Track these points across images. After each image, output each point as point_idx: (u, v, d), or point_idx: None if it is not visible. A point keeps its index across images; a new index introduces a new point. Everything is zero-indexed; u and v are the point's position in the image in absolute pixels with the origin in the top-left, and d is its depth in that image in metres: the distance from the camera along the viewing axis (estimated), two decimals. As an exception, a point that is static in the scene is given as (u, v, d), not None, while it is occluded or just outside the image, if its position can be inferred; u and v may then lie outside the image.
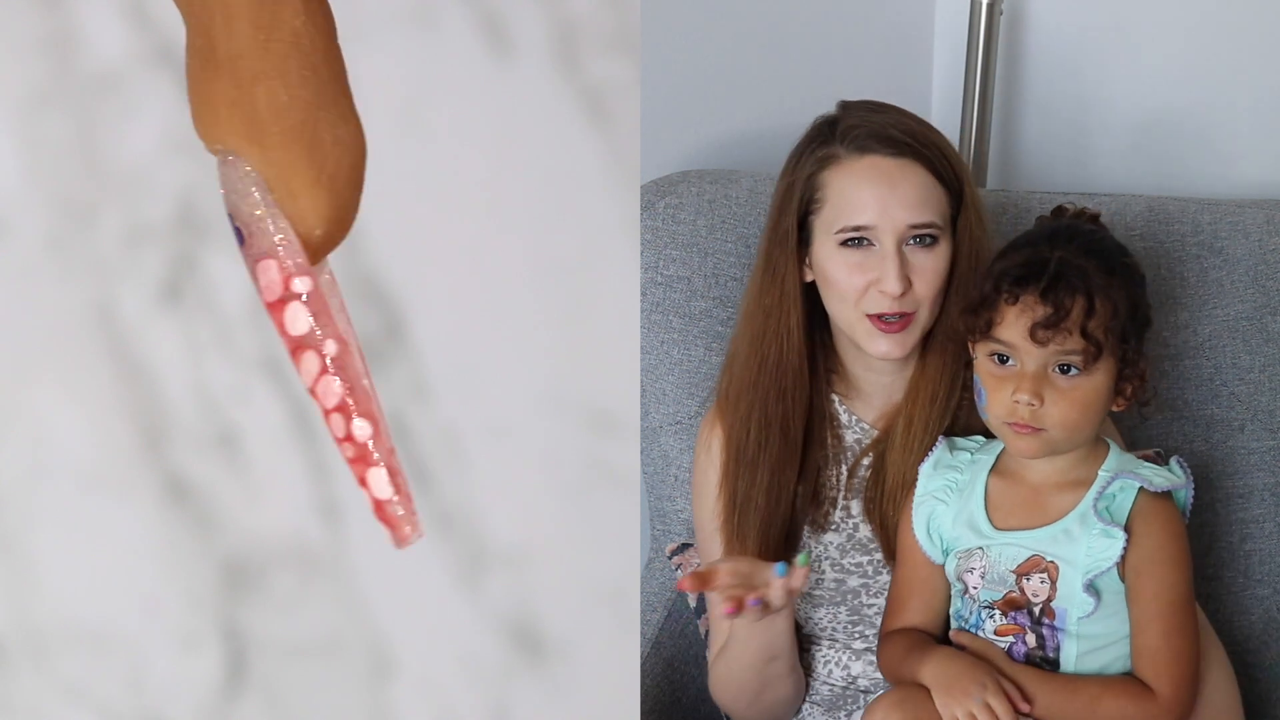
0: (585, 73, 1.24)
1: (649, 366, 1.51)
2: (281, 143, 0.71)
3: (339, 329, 0.74)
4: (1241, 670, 1.44)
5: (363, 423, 0.74)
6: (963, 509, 1.23)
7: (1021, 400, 1.16)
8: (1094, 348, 1.15)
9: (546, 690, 1.24)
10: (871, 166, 1.25)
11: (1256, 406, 1.45)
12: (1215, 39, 1.66)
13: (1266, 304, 1.45)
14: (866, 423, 1.33)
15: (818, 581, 1.32)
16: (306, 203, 0.72)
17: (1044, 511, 1.20)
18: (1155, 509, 1.18)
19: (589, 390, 1.25)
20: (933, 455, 1.26)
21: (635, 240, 1.27)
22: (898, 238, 1.24)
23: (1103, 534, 1.17)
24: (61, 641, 1.19)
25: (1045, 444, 1.17)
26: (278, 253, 0.72)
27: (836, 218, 1.26)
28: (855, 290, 1.25)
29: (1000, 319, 1.17)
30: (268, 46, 0.70)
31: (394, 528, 0.76)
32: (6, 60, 1.17)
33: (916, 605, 1.25)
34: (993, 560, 1.20)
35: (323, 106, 0.70)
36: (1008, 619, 1.19)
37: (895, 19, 1.76)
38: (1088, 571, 1.16)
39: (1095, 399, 1.17)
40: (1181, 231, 1.47)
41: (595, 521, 1.25)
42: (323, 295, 0.73)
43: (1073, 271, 1.16)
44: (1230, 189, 1.63)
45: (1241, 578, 1.47)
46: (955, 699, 1.15)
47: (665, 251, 1.51)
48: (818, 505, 1.32)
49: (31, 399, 1.18)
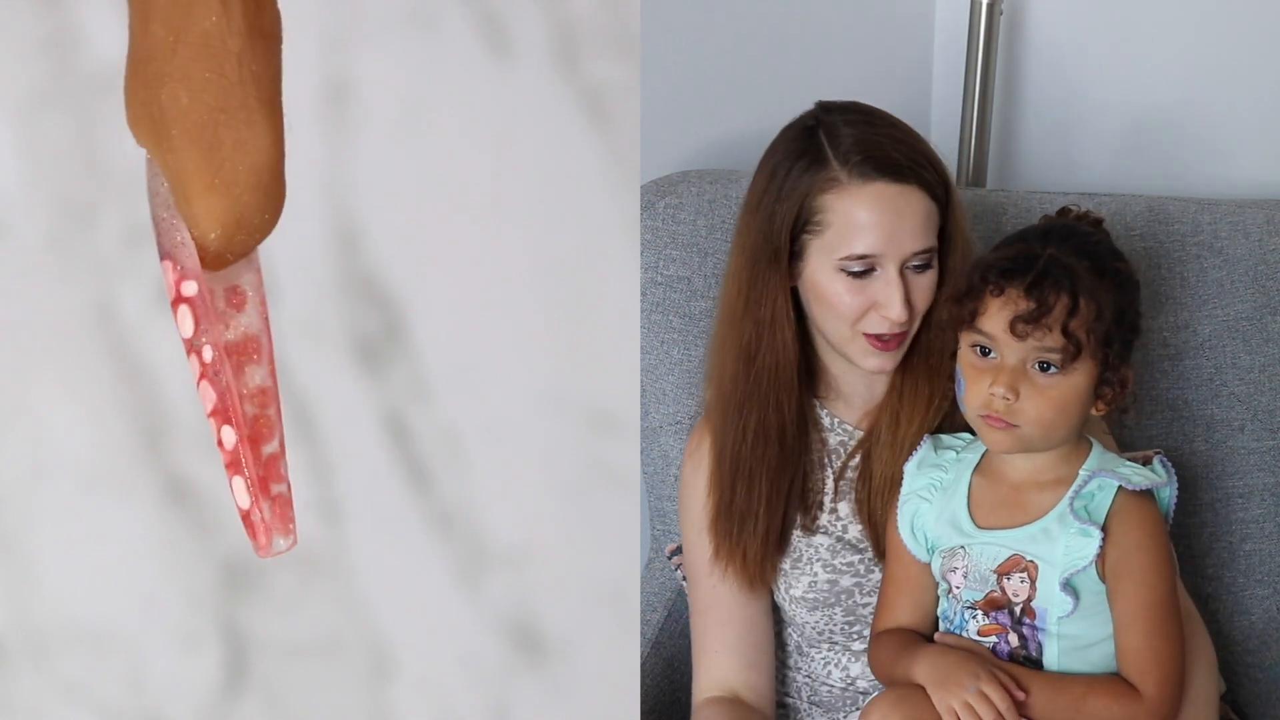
0: (585, 73, 1.24)
1: (649, 366, 1.51)
2: (180, 145, 0.71)
3: (217, 335, 0.74)
4: (1242, 670, 1.44)
5: (229, 430, 0.74)
6: (946, 507, 1.22)
7: (997, 393, 1.15)
8: (1073, 347, 1.14)
9: (546, 690, 1.24)
10: (878, 195, 1.23)
11: (1256, 406, 1.45)
12: (1215, 39, 1.66)
13: (1266, 304, 1.45)
14: (849, 424, 1.33)
15: (810, 585, 1.32)
16: (200, 206, 0.72)
17: (1024, 510, 1.20)
18: (1134, 508, 1.17)
19: (589, 390, 1.25)
20: (918, 454, 1.26)
21: (635, 240, 1.27)
22: (900, 264, 1.23)
23: (1080, 533, 1.16)
24: (61, 641, 1.19)
25: (1018, 440, 1.17)
26: (176, 254, 0.73)
27: (840, 244, 1.23)
28: (855, 312, 1.24)
29: (984, 310, 1.16)
30: (175, 48, 0.70)
31: (252, 536, 0.76)
32: (6, 60, 1.17)
33: (906, 605, 1.25)
34: (974, 559, 1.20)
35: (226, 109, 0.70)
36: (990, 619, 1.19)
37: (895, 19, 1.76)
38: (1065, 571, 1.16)
39: (1072, 399, 1.16)
40: (1181, 231, 1.47)
41: (595, 521, 1.25)
42: (207, 300, 0.74)
43: (1060, 269, 1.16)
44: (1230, 189, 1.63)
45: (1241, 578, 1.47)
46: (950, 692, 1.15)
47: (665, 251, 1.50)
48: (805, 509, 1.32)
49: (31, 399, 1.18)
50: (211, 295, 0.74)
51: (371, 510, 1.24)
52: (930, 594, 1.25)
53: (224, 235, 0.72)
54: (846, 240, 1.23)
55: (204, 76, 0.70)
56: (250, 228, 0.72)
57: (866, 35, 1.74)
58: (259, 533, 0.75)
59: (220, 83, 0.70)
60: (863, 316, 1.24)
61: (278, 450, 0.76)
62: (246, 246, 0.73)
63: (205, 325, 0.73)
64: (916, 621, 1.25)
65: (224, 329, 0.74)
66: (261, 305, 0.75)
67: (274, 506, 0.75)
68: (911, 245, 1.23)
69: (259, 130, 0.71)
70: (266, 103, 0.71)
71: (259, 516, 0.75)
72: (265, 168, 0.71)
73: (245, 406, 0.75)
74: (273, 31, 0.71)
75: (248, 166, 0.71)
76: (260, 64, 0.70)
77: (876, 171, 1.23)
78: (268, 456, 0.75)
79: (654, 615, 1.50)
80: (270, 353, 0.75)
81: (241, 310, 0.75)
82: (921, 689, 1.17)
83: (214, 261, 0.73)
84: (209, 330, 0.73)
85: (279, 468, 0.76)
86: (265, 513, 0.75)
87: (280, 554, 0.75)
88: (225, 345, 0.74)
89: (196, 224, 0.72)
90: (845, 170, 1.23)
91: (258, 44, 0.70)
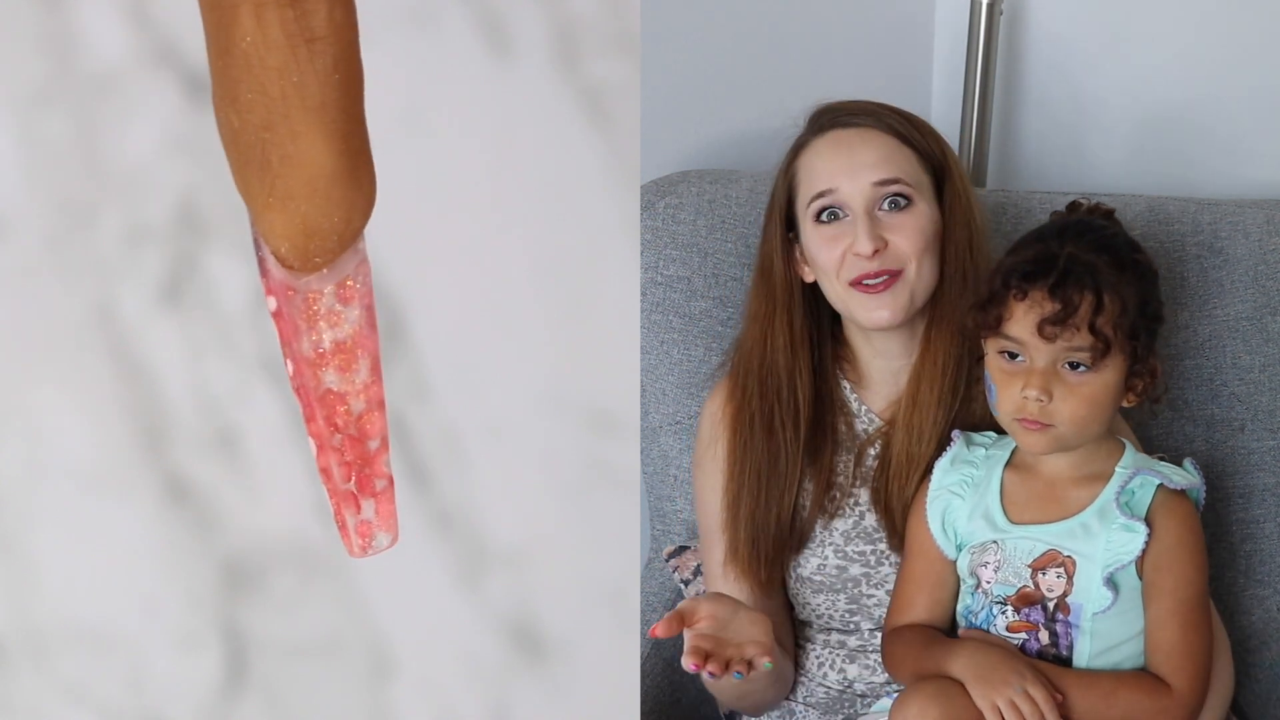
0: (585, 73, 1.24)
1: (649, 366, 1.51)
2: (237, 166, 0.72)
3: (295, 349, 0.74)
4: (1242, 670, 1.44)
5: (312, 441, 0.75)
6: (978, 503, 1.23)
7: (1030, 396, 1.16)
8: (1102, 344, 1.15)
9: (546, 690, 1.24)
10: (833, 139, 1.30)
11: (1256, 406, 1.45)
12: (1215, 39, 1.66)
13: (1266, 304, 1.45)
14: (874, 412, 1.34)
15: (819, 567, 1.32)
16: (264, 224, 0.72)
17: (1061, 505, 1.20)
18: (1174, 505, 1.19)
19: (589, 390, 1.25)
20: (950, 451, 1.26)
21: (635, 240, 1.27)
22: (865, 200, 1.26)
23: (1123, 528, 1.17)
24: (61, 641, 1.19)
25: (1054, 440, 1.18)
26: (262, 268, 0.73)
27: (807, 191, 1.29)
28: (834, 262, 1.27)
29: (1009, 315, 1.17)
30: (224, 72, 0.70)
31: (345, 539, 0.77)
32: (6, 60, 1.17)
33: (925, 601, 1.25)
34: (1008, 554, 1.20)
35: (269, 127, 0.70)
36: (1020, 615, 1.19)
37: (895, 19, 1.76)
38: (1107, 566, 1.17)
39: (1104, 395, 1.17)
40: (1181, 231, 1.47)
41: (595, 521, 1.25)
42: (287, 313, 0.74)
43: (1082, 267, 1.16)
44: (1230, 189, 1.63)
45: (1242, 578, 1.47)
46: (994, 689, 1.15)
47: (665, 251, 1.50)
48: (829, 492, 1.32)
49: (31, 399, 1.18)
50: (309, 301, 0.74)
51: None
52: (950, 591, 1.25)
53: (295, 247, 0.73)
54: (811, 184, 1.29)
55: (248, 97, 0.70)
56: (322, 234, 0.73)
57: (866, 35, 1.74)
58: (349, 535, 0.76)
59: (264, 101, 0.70)
60: (842, 265, 1.27)
61: (380, 446, 0.76)
62: (328, 250, 0.73)
63: (287, 338, 0.74)
64: (934, 618, 1.25)
65: (330, 327, 0.75)
66: (367, 297, 0.75)
67: (378, 504, 0.76)
68: (870, 176, 1.27)
69: (305, 143, 0.71)
70: (315, 110, 0.70)
71: (351, 521, 0.76)
72: (321, 176, 0.71)
73: (353, 403, 0.75)
74: (326, 32, 0.70)
75: (301, 180, 0.71)
76: (304, 71, 0.70)
77: (832, 124, 1.30)
78: (373, 452, 0.76)
79: (654, 615, 1.50)
80: (374, 347, 0.76)
81: (349, 304, 0.75)
82: (957, 683, 1.17)
83: (304, 266, 0.73)
84: (289, 343, 0.74)
85: (381, 464, 0.76)
86: (368, 513, 0.76)
87: (382, 551, 0.76)
88: (335, 343, 0.74)
89: (267, 239, 0.73)
90: (810, 132, 1.31)
91: (301, 51, 0.70)
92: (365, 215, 0.74)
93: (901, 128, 1.29)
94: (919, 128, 1.30)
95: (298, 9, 0.69)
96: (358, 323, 0.75)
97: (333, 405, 0.75)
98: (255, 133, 0.70)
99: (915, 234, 1.26)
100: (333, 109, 0.71)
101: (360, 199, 0.73)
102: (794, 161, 1.31)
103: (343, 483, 0.76)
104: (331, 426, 0.75)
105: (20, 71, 1.17)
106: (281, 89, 0.70)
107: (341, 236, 0.73)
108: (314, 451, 0.76)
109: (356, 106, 0.72)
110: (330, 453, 0.75)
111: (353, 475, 0.76)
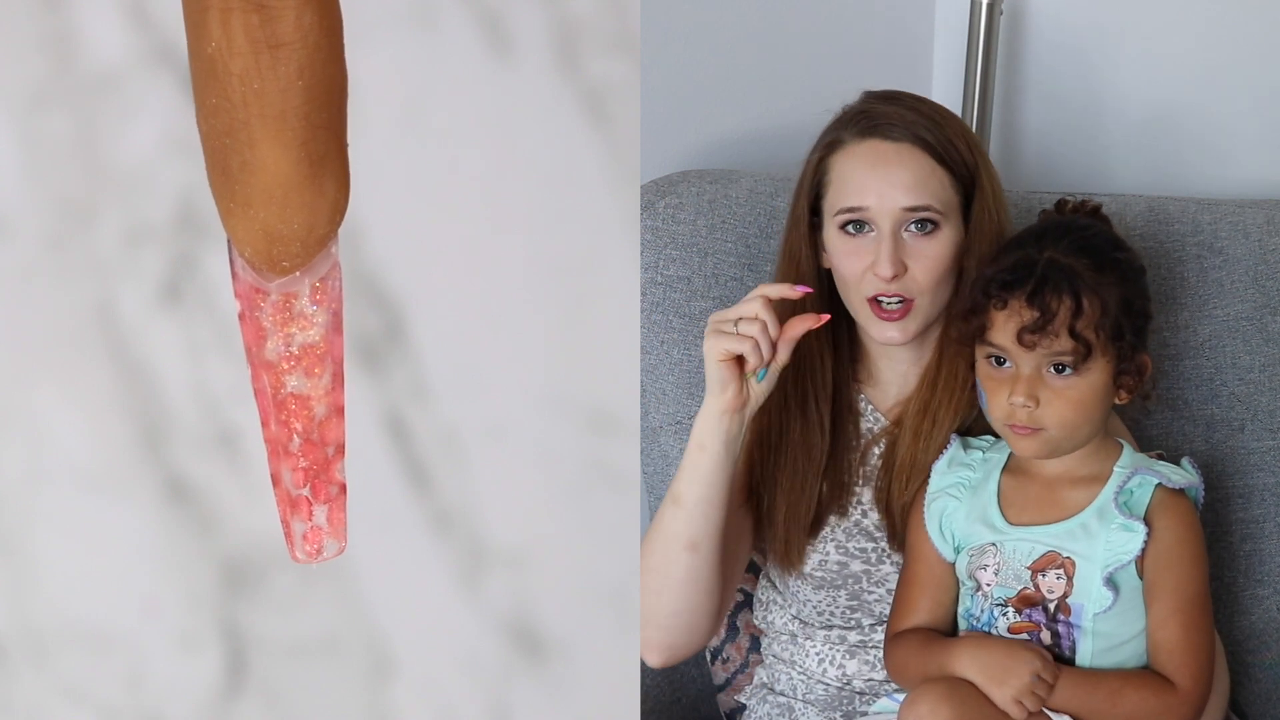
0: (585, 73, 1.24)
1: (649, 366, 1.51)
2: (208, 170, 0.72)
3: (257, 353, 0.75)
4: (1242, 670, 1.44)
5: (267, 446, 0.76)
6: (975, 505, 1.23)
7: (1017, 402, 1.17)
8: (1084, 348, 1.15)
9: (546, 690, 1.24)
10: (870, 150, 1.27)
11: (1256, 406, 1.45)
12: (1214, 39, 1.66)
13: (1266, 304, 1.45)
14: (880, 412, 1.34)
15: (820, 563, 1.32)
16: (228, 228, 0.73)
17: (1059, 507, 1.20)
18: (1173, 504, 1.19)
19: (589, 390, 1.25)
20: (946, 453, 1.27)
21: (635, 240, 1.27)
22: (893, 221, 1.25)
23: (1122, 528, 1.17)
24: (61, 641, 1.19)
25: (1045, 444, 1.18)
26: (233, 270, 0.74)
27: (836, 200, 1.28)
28: (854, 274, 1.26)
29: (991, 324, 1.18)
30: (195, 76, 0.70)
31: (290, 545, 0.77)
32: (6, 60, 1.17)
33: (926, 604, 1.25)
34: (1007, 556, 1.20)
35: (230, 133, 0.70)
36: (1021, 616, 1.19)
37: (895, 19, 1.76)
38: (1107, 566, 1.17)
39: (1092, 397, 1.17)
40: (1181, 231, 1.47)
41: (595, 521, 1.25)
42: (251, 316, 0.74)
43: (1059, 272, 1.16)
44: (1230, 189, 1.63)
45: (1241, 578, 1.47)
46: (1008, 683, 1.15)
47: (665, 251, 1.50)
48: (838, 491, 1.33)
49: (31, 399, 1.18)
50: (284, 301, 0.74)
51: (371, 510, 1.24)
52: (951, 594, 1.25)
53: (258, 251, 0.73)
54: (841, 195, 1.27)
55: (212, 102, 0.70)
56: (284, 240, 0.72)
57: (866, 35, 1.74)
58: (294, 541, 0.76)
59: (226, 107, 0.70)
60: (862, 280, 1.26)
61: (336, 453, 0.76)
62: (293, 255, 0.73)
63: (249, 342, 0.74)
64: (936, 621, 1.25)
65: (300, 331, 0.75)
66: (335, 302, 0.75)
67: (330, 510, 0.76)
68: (900, 200, 1.25)
69: (260, 150, 0.70)
70: (273, 118, 0.70)
71: (299, 528, 0.76)
72: (277, 185, 0.71)
73: (315, 407, 0.75)
74: (293, 38, 0.70)
75: (259, 187, 0.71)
76: (266, 78, 0.69)
77: (872, 129, 1.27)
78: (329, 458, 0.76)
79: (654, 615, 1.50)
80: (339, 353, 0.76)
81: (321, 306, 0.75)
82: (967, 683, 1.17)
83: (272, 269, 0.73)
84: (251, 348, 0.75)
85: (336, 470, 0.76)
86: (319, 519, 0.76)
87: (329, 559, 0.76)
88: (303, 346, 0.75)
89: (234, 243, 0.73)
90: (848, 131, 1.28)
91: (264, 58, 0.69)
92: (331, 221, 0.73)
93: (940, 145, 1.26)
94: (955, 140, 1.28)
95: (264, 14, 0.69)
96: (325, 326, 0.75)
97: (294, 409, 0.75)
98: (219, 138, 0.70)
99: (934, 263, 1.25)
100: (292, 117, 0.70)
101: (323, 205, 0.72)
102: (828, 157, 1.29)
103: (296, 489, 0.76)
104: (291, 430, 0.75)
105: (20, 71, 1.17)
106: (243, 95, 0.69)
107: (305, 242, 0.73)
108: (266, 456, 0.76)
109: (322, 113, 0.71)
110: (284, 458, 0.75)
111: (308, 481, 0.76)
